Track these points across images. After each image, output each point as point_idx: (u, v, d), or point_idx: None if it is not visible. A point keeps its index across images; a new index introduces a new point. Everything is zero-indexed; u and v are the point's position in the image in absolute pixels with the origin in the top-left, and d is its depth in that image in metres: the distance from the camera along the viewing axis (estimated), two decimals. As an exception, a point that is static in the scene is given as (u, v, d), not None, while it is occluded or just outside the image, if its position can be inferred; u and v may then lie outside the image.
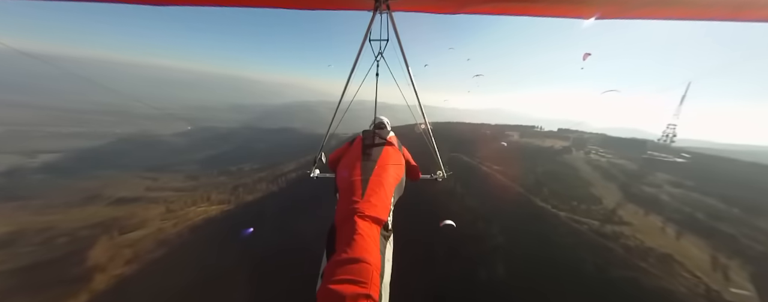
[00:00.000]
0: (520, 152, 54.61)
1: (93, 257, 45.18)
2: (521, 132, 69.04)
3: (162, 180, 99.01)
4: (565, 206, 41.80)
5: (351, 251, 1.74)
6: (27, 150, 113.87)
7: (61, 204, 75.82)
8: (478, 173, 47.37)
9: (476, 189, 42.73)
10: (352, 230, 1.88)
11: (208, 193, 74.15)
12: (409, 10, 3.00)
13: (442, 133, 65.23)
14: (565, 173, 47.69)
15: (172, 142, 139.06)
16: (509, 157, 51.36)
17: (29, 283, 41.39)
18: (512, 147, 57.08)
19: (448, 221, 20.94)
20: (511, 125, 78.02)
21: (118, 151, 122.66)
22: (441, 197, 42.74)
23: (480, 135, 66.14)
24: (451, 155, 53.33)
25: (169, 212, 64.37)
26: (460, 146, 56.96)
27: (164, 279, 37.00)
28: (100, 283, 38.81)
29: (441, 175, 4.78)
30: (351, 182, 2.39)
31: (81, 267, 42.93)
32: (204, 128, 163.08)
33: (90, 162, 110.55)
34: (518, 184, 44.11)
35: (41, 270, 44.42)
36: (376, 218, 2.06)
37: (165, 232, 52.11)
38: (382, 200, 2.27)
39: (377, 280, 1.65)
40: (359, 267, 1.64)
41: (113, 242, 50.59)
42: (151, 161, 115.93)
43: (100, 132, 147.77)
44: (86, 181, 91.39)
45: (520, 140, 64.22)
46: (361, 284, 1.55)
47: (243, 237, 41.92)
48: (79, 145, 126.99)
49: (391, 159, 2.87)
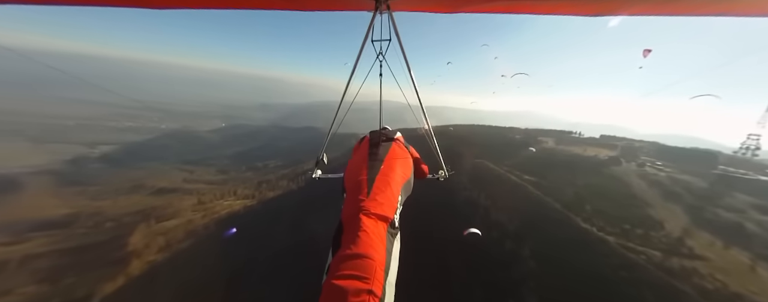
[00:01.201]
0: (555, 161, 45.98)
1: (132, 243, 49.25)
2: (557, 138, 58.48)
3: (197, 173, 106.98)
4: (615, 230, 33.83)
5: (355, 247, 1.77)
6: (89, 141, 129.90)
7: (112, 192, 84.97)
8: (506, 183, 40.28)
9: (503, 202, 36.17)
10: (358, 227, 1.91)
11: (235, 187, 78.06)
12: (410, 11, 2.99)
13: (464, 137, 58.89)
14: (614, 189, 39.51)
15: (207, 138, 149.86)
16: (543, 166, 43.76)
17: (79, 262, 46.21)
18: (546, 155, 49.05)
19: (474, 229, 19.68)
20: (545, 130, 66.80)
21: (161, 145, 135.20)
22: (462, 208, 37.57)
23: (508, 140, 58.08)
24: (475, 162, 46.44)
25: (199, 203, 68.69)
26: (486, 151, 50.11)
27: (189, 270, 39.06)
28: (135, 268, 42.05)
29: (443, 174, 4.73)
30: (357, 181, 2.41)
31: (121, 252, 46.96)
32: (235, 125, 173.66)
33: (138, 154, 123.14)
34: (554, 198, 36.67)
35: (90, 251, 49.45)
36: (382, 215, 2.09)
37: (194, 223, 55.43)
38: (388, 199, 2.28)
39: (381, 276, 1.67)
40: (363, 262, 1.67)
41: (150, 229, 54.87)
42: (189, 154, 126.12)
43: (148, 127, 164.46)
44: (134, 171, 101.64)
45: (555, 147, 54.31)
46: (364, 279, 1.58)
47: (226, 237, 42.17)
48: (131, 138, 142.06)
49: (398, 158, 2.86)
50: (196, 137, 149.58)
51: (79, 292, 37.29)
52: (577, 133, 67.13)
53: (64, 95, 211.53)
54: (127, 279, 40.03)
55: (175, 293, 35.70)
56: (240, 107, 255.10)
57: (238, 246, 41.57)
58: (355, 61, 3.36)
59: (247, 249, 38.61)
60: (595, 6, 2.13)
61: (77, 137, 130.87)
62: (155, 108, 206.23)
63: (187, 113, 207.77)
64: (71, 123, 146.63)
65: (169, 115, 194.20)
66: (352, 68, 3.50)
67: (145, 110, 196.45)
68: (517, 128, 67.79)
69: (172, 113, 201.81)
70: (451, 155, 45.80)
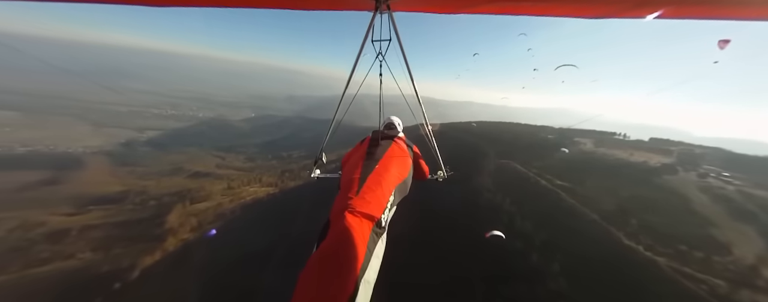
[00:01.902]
0: (594, 166, 39.29)
1: (169, 221, 53.94)
2: (596, 139, 49.97)
3: (228, 159, 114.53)
4: (668, 251, 28.02)
5: (336, 244, 1.80)
6: (139, 127, 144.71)
7: (156, 173, 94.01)
8: (535, 187, 35.22)
9: (530, 208, 31.42)
10: (342, 225, 1.92)
11: (260, 175, 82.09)
12: (409, 11, 3.02)
13: (489, 134, 53.27)
14: (667, 203, 32.92)
15: (238, 126, 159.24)
16: (579, 170, 37.54)
17: (126, 236, 51.78)
18: (583, 158, 41.99)
19: (497, 231, 18.48)
20: (583, 130, 57.23)
21: (199, 132, 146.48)
22: (483, 212, 32.92)
23: (540, 140, 50.77)
24: (500, 162, 41.03)
25: (229, 188, 73.28)
26: (513, 151, 44.39)
27: (215, 251, 41.86)
28: (170, 244, 46.07)
29: (441, 175, 4.60)
30: (350, 180, 2.41)
31: (160, 229, 51.68)
32: (263, 115, 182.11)
33: (179, 139, 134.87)
34: (592, 209, 31.32)
35: (135, 226, 55.19)
36: (367, 214, 2.09)
37: (223, 207, 59.25)
38: (377, 198, 2.27)
39: (356, 274, 1.69)
40: (339, 259, 1.70)
41: (185, 210, 59.70)
42: (222, 141, 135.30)
43: (188, 115, 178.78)
44: (175, 155, 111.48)
45: (595, 149, 46.23)
46: (339, 275, 1.62)
47: (207, 238, 43.08)
48: (173, 125, 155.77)
49: (396, 157, 2.82)
50: (229, 125, 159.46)
51: (125, 262, 41.71)
52: (621, 134, 58.12)
53: (122, 85, 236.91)
54: (164, 254, 43.99)
55: (203, 269, 38.46)
56: (268, 97, 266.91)
57: (259, 232, 43.50)
58: (355, 61, 3.36)
59: (265, 237, 40.26)
60: (595, 8, 2.15)
61: (129, 123, 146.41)
62: (194, 98, 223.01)
63: (222, 103, 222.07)
64: (124, 110, 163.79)
65: (206, 104, 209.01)
66: (352, 68, 3.50)
67: (186, 100, 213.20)
68: (549, 127, 59.60)
69: (209, 102, 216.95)
70: (473, 154, 42.40)
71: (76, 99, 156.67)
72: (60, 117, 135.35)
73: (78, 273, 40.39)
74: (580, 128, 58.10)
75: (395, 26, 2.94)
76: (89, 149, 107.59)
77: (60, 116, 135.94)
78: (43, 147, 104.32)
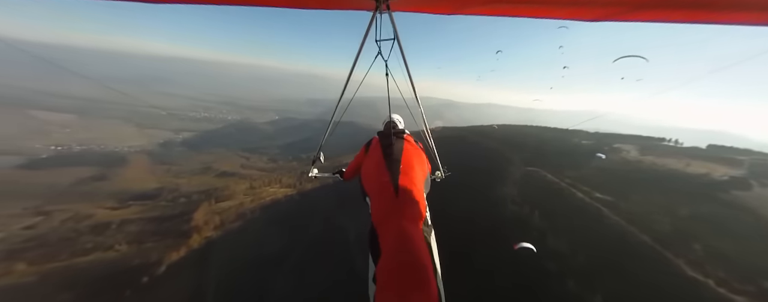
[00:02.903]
0: (641, 177, 32.71)
1: (195, 218, 56.87)
2: (642, 146, 43.04)
3: (252, 160, 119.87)
4: (749, 288, 21.37)
5: (401, 251, 1.70)
6: (175, 128, 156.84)
7: (188, 171, 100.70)
8: (569, 200, 30.05)
9: (565, 224, 26.60)
10: (395, 230, 1.84)
11: (281, 176, 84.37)
12: (409, 11, 3.03)
13: (513, 139, 48.01)
14: (740, 225, 26.17)
15: (263, 129, 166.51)
16: (622, 182, 31.48)
17: (158, 230, 55.42)
18: (626, 168, 35.63)
19: (527, 244, 16.84)
20: (624, 135, 49.78)
21: (227, 133, 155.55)
22: (507, 227, 28.08)
23: (573, 146, 44.90)
24: (527, 170, 36.33)
25: (251, 188, 76.10)
26: (542, 157, 39.82)
27: (234, 250, 43.20)
28: (194, 242, 48.38)
29: (439, 175, 4.52)
30: (381, 184, 2.33)
31: (187, 226, 54.61)
32: (286, 118, 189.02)
33: (210, 140, 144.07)
34: (641, 228, 25.52)
35: (166, 221, 58.95)
36: (415, 215, 2.03)
37: (244, 206, 61.40)
38: (416, 197, 2.21)
39: (433, 279, 1.61)
40: (414, 267, 1.61)
41: (210, 208, 62.73)
42: (248, 143, 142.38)
43: (219, 118, 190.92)
44: (205, 155, 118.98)
45: (641, 157, 39.20)
46: (421, 284, 1.54)
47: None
48: (205, 127, 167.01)
49: (414, 156, 2.79)
50: (254, 127, 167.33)
51: (153, 257, 44.41)
52: (672, 140, 49.22)
53: (163, 90, 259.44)
54: (188, 250, 46.24)
55: (221, 268, 39.72)
56: (291, 101, 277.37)
57: (275, 235, 44.16)
58: (354, 61, 3.35)
59: (280, 240, 40.69)
60: (592, 11, 2.13)
61: (167, 125, 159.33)
62: (224, 101, 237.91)
63: (248, 107, 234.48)
64: (164, 113, 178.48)
65: (235, 107, 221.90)
66: (351, 67, 3.48)
67: (217, 103, 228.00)
68: (583, 131, 52.72)
69: (237, 105, 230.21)
70: (496, 161, 38.94)
71: (124, 103, 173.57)
72: (110, 120, 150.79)
73: (113, 265, 43.67)
74: (621, 132, 50.33)
75: (395, 26, 2.93)
76: (133, 148, 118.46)
77: (110, 119, 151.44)
78: (95, 146, 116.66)
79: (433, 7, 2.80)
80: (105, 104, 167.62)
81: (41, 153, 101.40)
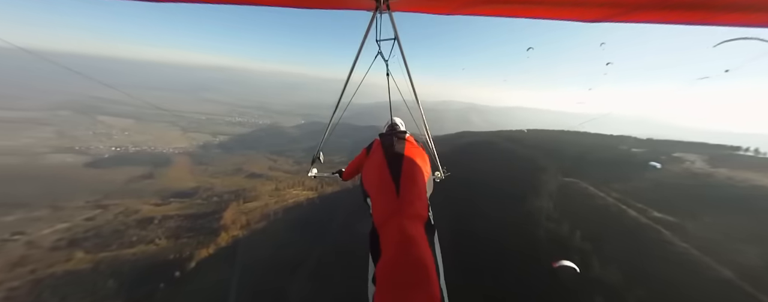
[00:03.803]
0: (715, 194, 25.68)
1: (225, 217, 60.14)
2: (710, 155, 35.30)
3: (279, 162, 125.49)
4: None
5: (402, 251, 1.67)
6: (214, 132, 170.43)
7: (221, 172, 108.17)
8: (618, 218, 24.34)
9: (615, 249, 21.04)
10: (396, 229, 1.82)
11: (304, 179, 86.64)
12: (410, 11, 3.03)
13: (545, 145, 40.71)
14: None
15: (290, 132, 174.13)
16: (687, 199, 25.14)
17: (192, 227, 59.54)
18: (692, 182, 28.25)
19: (568, 262, 14.78)
20: (685, 142, 41.71)
21: (257, 137, 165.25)
22: (541, 248, 23.10)
23: (619, 154, 38.24)
24: (564, 181, 31.18)
25: (276, 190, 79.13)
26: (581, 167, 34.31)
27: (257, 249, 44.60)
28: (222, 240, 50.96)
29: (438, 176, 4.52)
30: (382, 184, 2.31)
31: (217, 224, 57.91)
32: (312, 122, 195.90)
33: (243, 143, 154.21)
34: (718, 259, 19.64)
35: (200, 218, 63.20)
36: (416, 214, 2.00)
37: (268, 208, 63.73)
38: (419, 196, 2.19)
39: (436, 279, 1.58)
40: (415, 266, 1.58)
41: (238, 208, 66.07)
42: (276, 146, 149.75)
43: (251, 122, 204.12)
44: (237, 157, 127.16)
45: (711, 170, 31.77)
46: (421, 284, 1.51)
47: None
48: (239, 130, 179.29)
49: (416, 156, 2.76)
50: (282, 131, 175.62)
51: (186, 252, 47.45)
52: (749, 149, 39.37)
53: (205, 97, 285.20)
54: (216, 248, 48.76)
55: (245, 268, 41.02)
56: (317, 106, 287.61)
57: (295, 238, 44.74)
58: (353, 61, 3.34)
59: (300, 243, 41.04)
60: (593, 12, 2.12)
61: (207, 128, 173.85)
62: (256, 107, 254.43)
63: (277, 111, 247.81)
64: (204, 118, 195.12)
65: (266, 112, 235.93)
66: (351, 67, 3.47)
67: (250, 108, 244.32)
68: (631, 138, 44.91)
69: (267, 110, 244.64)
70: (529, 168, 35.04)
71: (172, 109, 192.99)
72: (160, 124, 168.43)
73: (152, 258, 47.38)
74: (680, 139, 42.02)
75: (395, 26, 2.93)
76: (177, 150, 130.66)
77: (160, 123, 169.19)
78: (147, 147, 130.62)
79: (432, 8, 2.79)
80: (157, 110, 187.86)
81: (104, 153, 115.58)
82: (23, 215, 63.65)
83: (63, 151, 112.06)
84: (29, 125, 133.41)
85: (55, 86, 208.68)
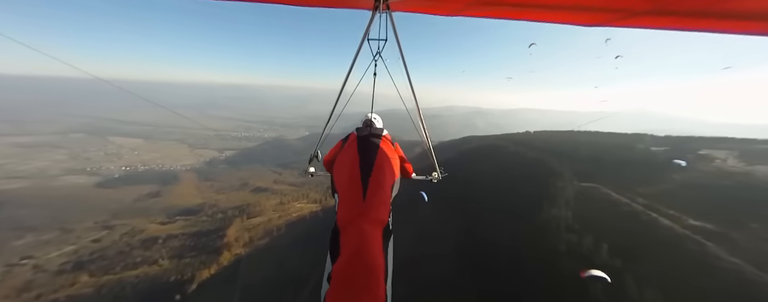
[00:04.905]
0: (758, 197, 22.44)
1: (228, 235, 59.11)
2: (741, 151, 32.18)
3: (284, 175, 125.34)
4: None
5: (357, 254, 1.76)
6: (220, 147, 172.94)
7: (227, 188, 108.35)
8: (649, 228, 21.24)
9: (651, 266, 17.98)
10: (356, 232, 1.90)
11: (309, 191, 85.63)
12: (409, 11, 3.06)
13: (556, 147, 38.18)
14: None
15: (295, 145, 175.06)
16: (727, 203, 22.21)
17: (195, 246, 58.66)
18: (731, 184, 24.87)
19: (598, 272, 13.19)
20: (708, 138, 38.26)
21: (263, 151, 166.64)
22: (563, 263, 20.09)
23: (639, 155, 35.42)
24: (582, 187, 28.30)
25: (280, 204, 78.12)
26: (599, 170, 31.03)
27: (259, 269, 43.03)
28: (224, 259, 49.72)
29: (436, 176, 4.55)
30: (350, 184, 2.35)
31: (220, 242, 56.86)
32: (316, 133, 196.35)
33: (248, 158, 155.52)
34: None
35: (203, 236, 62.37)
36: (378, 219, 2.09)
37: (272, 223, 62.52)
38: (383, 202, 2.27)
39: (383, 283, 1.71)
40: (366, 270, 1.69)
41: (242, 224, 65.09)
42: (281, 159, 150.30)
43: (256, 136, 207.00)
44: (243, 172, 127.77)
45: (748, 168, 28.02)
46: (370, 287, 1.63)
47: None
48: (245, 145, 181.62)
49: (388, 158, 2.79)
50: (287, 144, 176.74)
51: (187, 273, 46.29)
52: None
53: (213, 113, 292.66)
54: (218, 267, 47.46)
55: (246, 289, 39.41)
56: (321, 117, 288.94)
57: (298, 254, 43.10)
58: (352, 61, 3.35)
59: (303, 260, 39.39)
60: (592, 16, 2.16)
61: (214, 144, 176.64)
62: (262, 121, 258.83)
63: (282, 124, 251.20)
64: (212, 134, 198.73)
65: (271, 126, 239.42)
66: (349, 68, 3.48)
67: (256, 123, 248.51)
68: (647, 135, 41.22)
69: (273, 124, 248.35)
70: (542, 173, 32.47)
71: (182, 127, 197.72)
72: (169, 142, 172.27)
73: (154, 280, 46.35)
74: (702, 134, 38.10)
75: (394, 26, 2.95)
76: (184, 167, 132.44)
77: (169, 141, 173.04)
78: (155, 166, 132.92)
79: (432, 8, 2.80)
80: (167, 128, 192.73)
81: (114, 173, 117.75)
82: (33, 239, 64.29)
83: (75, 173, 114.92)
84: (44, 148, 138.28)
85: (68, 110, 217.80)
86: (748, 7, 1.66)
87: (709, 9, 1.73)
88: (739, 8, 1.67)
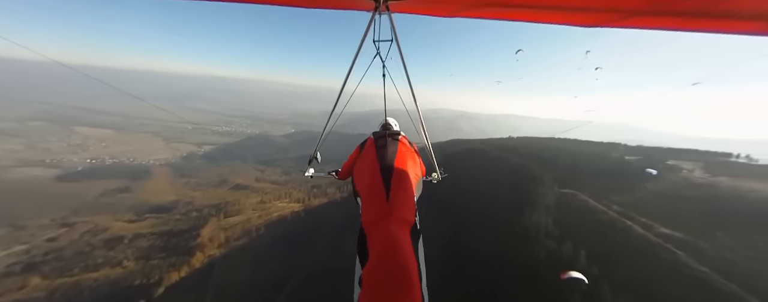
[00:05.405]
0: (722, 206, 23.96)
1: (202, 235, 56.01)
2: (705, 163, 34.01)
3: (266, 172, 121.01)
4: None
5: (387, 256, 1.73)
6: (198, 142, 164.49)
7: (205, 184, 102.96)
8: (624, 236, 21.91)
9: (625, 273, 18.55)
10: (383, 233, 1.88)
11: (291, 190, 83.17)
12: (409, 12, 3.05)
13: (538, 154, 39.83)
14: None
15: (279, 141, 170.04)
16: (694, 213, 23.26)
17: (166, 246, 55.07)
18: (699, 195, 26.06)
19: (576, 273, 13.93)
20: (676, 150, 40.04)
21: (245, 146, 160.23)
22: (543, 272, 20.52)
23: (614, 163, 36.58)
24: (561, 193, 29.03)
25: (260, 203, 75.20)
26: (577, 177, 31.99)
27: (234, 271, 40.95)
28: (197, 261, 46.98)
29: (436, 177, 4.54)
30: (373, 186, 2.33)
31: (193, 242, 53.73)
32: (302, 131, 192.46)
33: (229, 153, 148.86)
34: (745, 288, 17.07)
35: (175, 236, 58.71)
36: (404, 219, 2.05)
37: (251, 223, 59.98)
38: (407, 201, 2.23)
39: (418, 283, 1.66)
40: (398, 270, 1.64)
41: (218, 223, 61.97)
42: (264, 156, 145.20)
43: (238, 131, 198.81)
44: (223, 168, 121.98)
45: (712, 179, 29.74)
46: (405, 289, 1.57)
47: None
48: (225, 140, 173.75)
49: (408, 159, 2.76)
50: (271, 140, 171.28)
51: (154, 276, 43.27)
52: (741, 156, 37.40)
53: (193, 106, 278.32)
54: (189, 270, 44.75)
55: (218, 294, 37.33)
56: (308, 114, 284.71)
57: (277, 256, 41.50)
58: (352, 61, 3.35)
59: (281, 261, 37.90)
60: (590, 17, 2.16)
61: (192, 138, 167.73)
62: (245, 116, 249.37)
63: (267, 120, 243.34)
64: (190, 127, 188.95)
65: (254, 121, 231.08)
66: (349, 69, 3.46)
67: (238, 117, 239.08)
68: (621, 145, 44.03)
69: (257, 119, 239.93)
70: (524, 179, 33.36)
71: (157, 118, 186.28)
72: (142, 134, 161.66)
73: (116, 283, 42.93)
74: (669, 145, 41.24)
75: (394, 27, 2.95)
76: (158, 162, 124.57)
77: (142, 133, 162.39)
78: (125, 159, 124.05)
79: (432, 9, 2.80)
80: (140, 120, 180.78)
81: (77, 166, 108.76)
82: (-24, 237, 57.79)
83: (31, 164, 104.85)
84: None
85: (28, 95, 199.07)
86: (745, 8, 1.65)
87: (707, 9, 1.72)
88: (736, 8, 1.66)
